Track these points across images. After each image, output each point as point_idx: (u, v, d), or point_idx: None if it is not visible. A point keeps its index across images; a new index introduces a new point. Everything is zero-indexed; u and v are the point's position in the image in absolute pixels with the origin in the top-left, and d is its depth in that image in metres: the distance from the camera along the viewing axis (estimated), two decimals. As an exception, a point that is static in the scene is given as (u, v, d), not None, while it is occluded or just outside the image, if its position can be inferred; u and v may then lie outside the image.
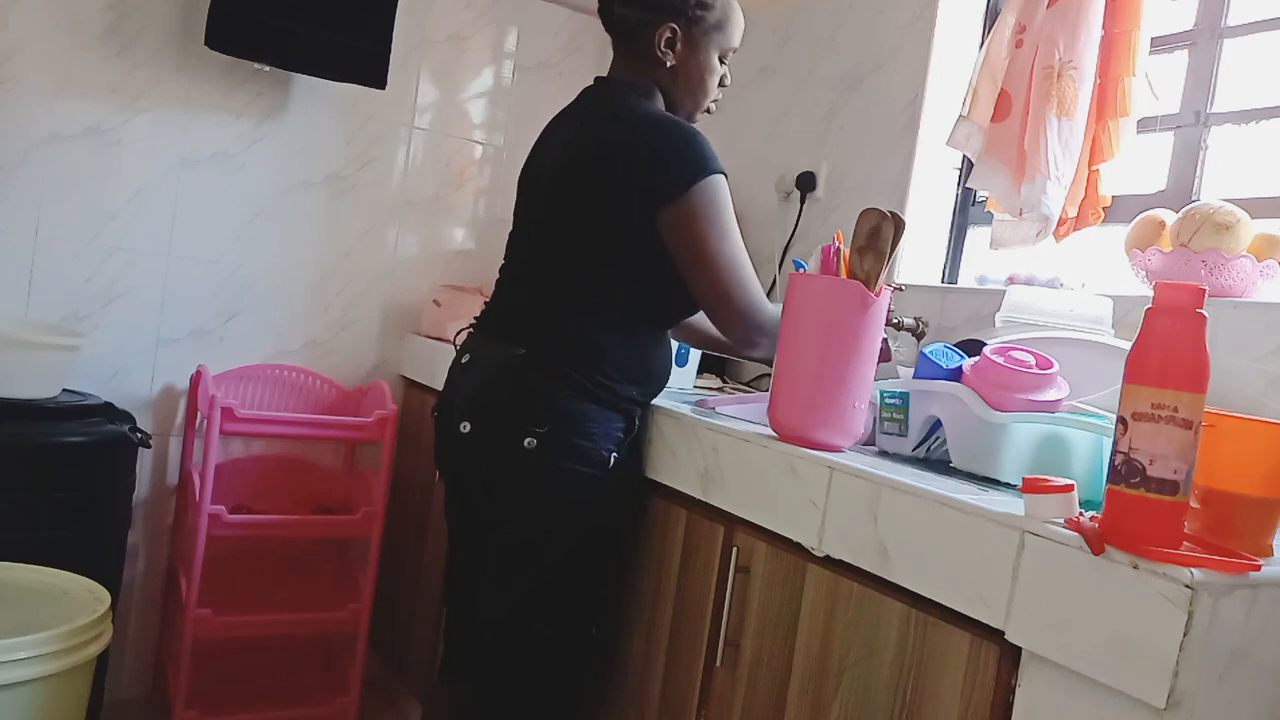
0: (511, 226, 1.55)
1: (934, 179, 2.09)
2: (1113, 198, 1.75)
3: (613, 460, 1.38)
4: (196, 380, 2.18)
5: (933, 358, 1.23)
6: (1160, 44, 1.76)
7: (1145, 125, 1.73)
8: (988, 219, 1.94)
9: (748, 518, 1.25)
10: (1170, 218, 1.54)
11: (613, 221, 1.38)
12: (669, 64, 1.45)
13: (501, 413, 1.38)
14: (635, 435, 1.42)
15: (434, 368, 2.17)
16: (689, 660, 1.35)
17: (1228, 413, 0.91)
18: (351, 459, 2.41)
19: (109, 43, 2.07)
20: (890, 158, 2.10)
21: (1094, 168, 1.74)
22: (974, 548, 0.94)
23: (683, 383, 1.93)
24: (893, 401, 1.27)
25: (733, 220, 1.37)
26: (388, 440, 2.16)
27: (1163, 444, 0.82)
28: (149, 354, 2.18)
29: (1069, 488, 0.89)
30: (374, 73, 2.16)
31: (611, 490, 1.39)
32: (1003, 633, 0.91)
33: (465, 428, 1.39)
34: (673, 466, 1.40)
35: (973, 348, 1.25)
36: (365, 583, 2.16)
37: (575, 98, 1.52)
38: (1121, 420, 0.84)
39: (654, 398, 1.47)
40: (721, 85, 1.52)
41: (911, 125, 2.06)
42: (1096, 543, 0.83)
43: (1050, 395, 1.16)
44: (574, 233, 1.41)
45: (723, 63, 1.50)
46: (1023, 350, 1.20)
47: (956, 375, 1.20)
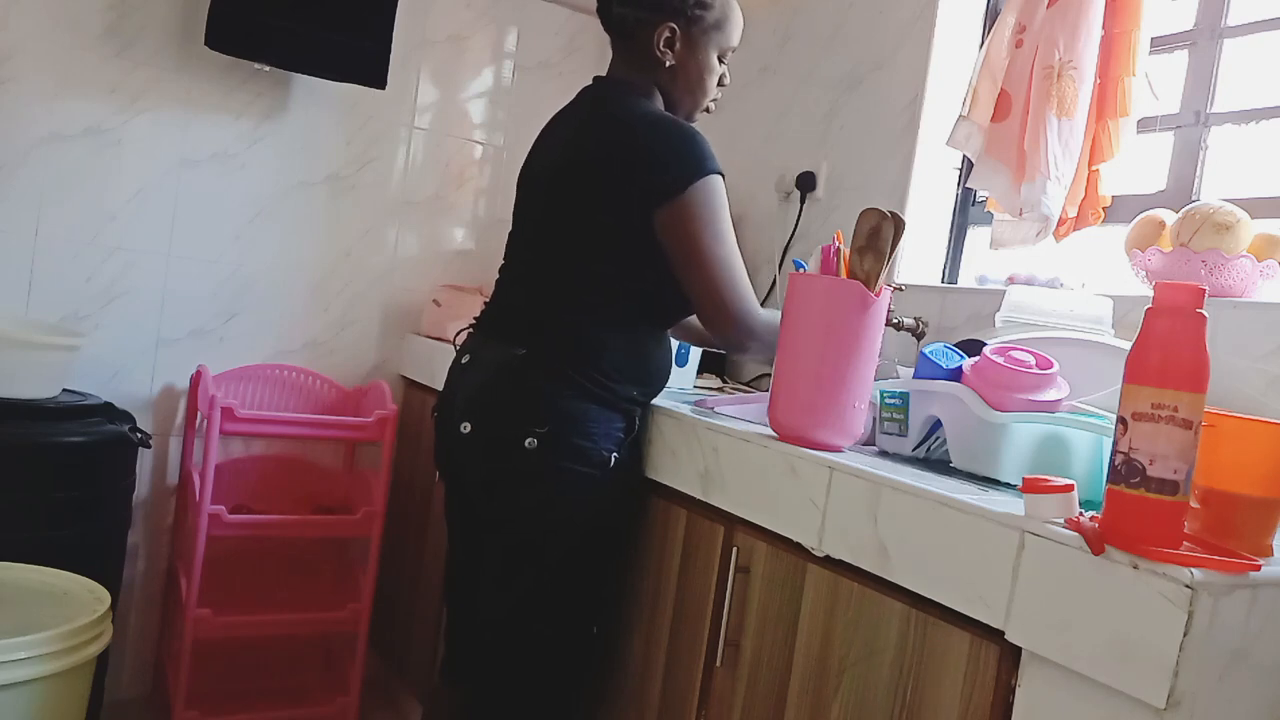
0: (511, 226, 1.55)
1: (934, 179, 2.09)
2: (1113, 198, 1.75)
3: (613, 460, 1.38)
4: (196, 380, 2.18)
5: (933, 358, 1.23)
6: (1160, 44, 1.76)
7: (1145, 125, 1.73)
8: (988, 219, 1.94)
9: (748, 518, 1.25)
10: (1170, 218, 1.54)
11: (611, 220, 1.38)
12: (668, 64, 1.45)
13: (502, 413, 1.38)
14: (635, 435, 1.42)
15: (434, 368, 2.17)
16: (689, 660, 1.35)
17: (1228, 413, 0.91)
18: (351, 459, 2.41)
19: (109, 43, 2.07)
20: (890, 158, 2.10)
21: (1094, 168, 1.74)
22: (974, 548, 0.94)
23: (683, 383, 1.93)
24: (893, 401, 1.27)
25: (728, 222, 1.37)
26: (388, 440, 2.16)
27: (1163, 444, 0.82)
28: (149, 354, 2.18)
29: (1069, 488, 0.89)
30: (374, 73, 2.16)
31: (612, 490, 1.39)
32: (1003, 633, 0.91)
33: (465, 428, 1.39)
34: (673, 466, 1.40)
35: (973, 348, 1.25)
36: (365, 583, 2.16)
37: (574, 97, 1.52)
38: (1121, 420, 0.84)
39: (654, 397, 1.47)
40: (721, 85, 1.52)
41: (911, 125, 2.06)
42: (1096, 543, 0.83)
43: (1050, 395, 1.16)
44: (572, 232, 1.41)
45: (722, 62, 1.50)
46: (1023, 350, 1.20)
47: (956, 375, 1.20)
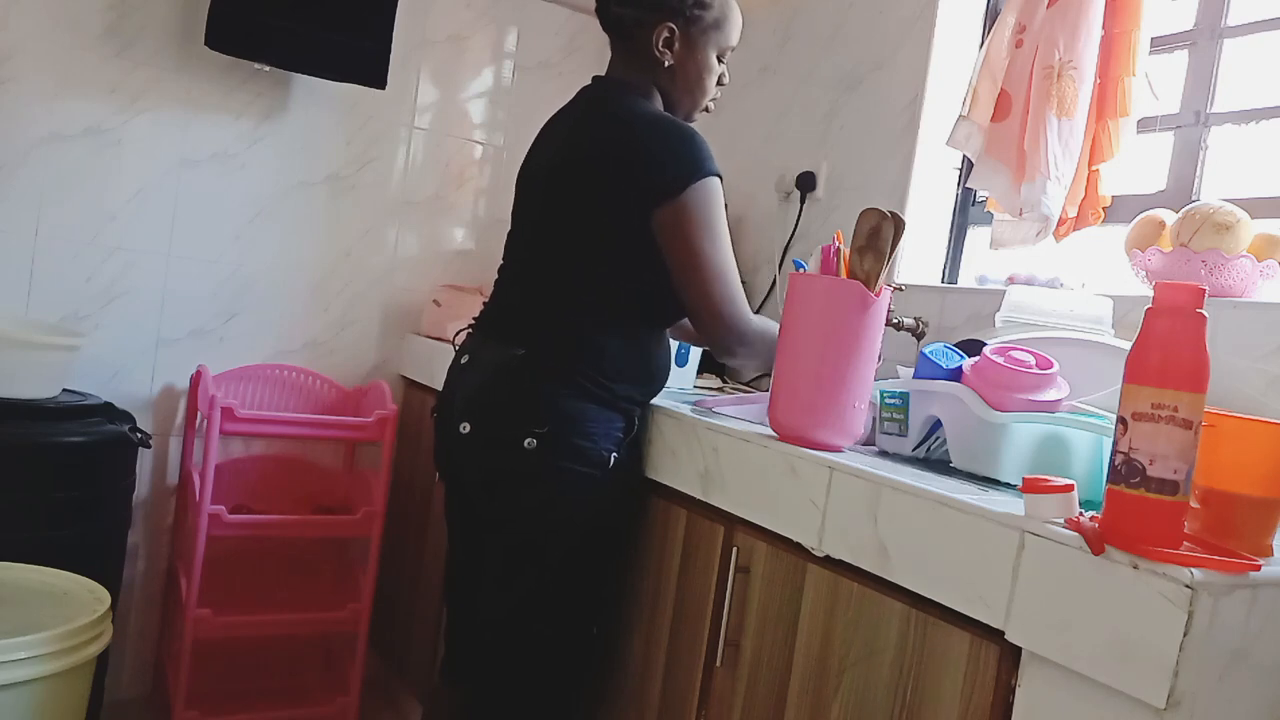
0: (510, 227, 1.55)
1: (934, 179, 2.09)
2: (1113, 198, 1.75)
3: (612, 460, 1.37)
4: (196, 380, 2.18)
5: (933, 358, 1.23)
6: (1160, 44, 1.76)
7: (1145, 125, 1.73)
8: (988, 219, 1.94)
9: (748, 518, 1.25)
10: (1170, 218, 1.54)
11: (608, 220, 1.38)
12: (667, 63, 1.45)
13: (501, 413, 1.38)
14: (635, 435, 1.42)
15: (434, 368, 2.17)
16: (689, 660, 1.35)
17: (1228, 413, 0.91)
18: (351, 459, 2.41)
19: (109, 43, 2.07)
20: (890, 158, 2.10)
21: (1094, 168, 1.74)
22: (974, 548, 0.94)
23: (683, 383, 1.93)
24: (893, 401, 1.27)
25: (724, 225, 1.37)
26: (388, 440, 2.16)
27: (1163, 444, 0.82)
28: (149, 354, 2.18)
29: (1069, 488, 0.89)
30: (374, 73, 2.16)
31: (611, 490, 1.39)
32: (1003, 633, 0.91)
33: (465, 428, 1.39)
34: (673, 466, 1.40)
35: (973, 348, 1.25)
36: (365, 583, 2.16)
37: (573, 97, 1.52)
38: (1121, 420, 0.84)
39: (653, 397, 1.47)
40: (720, 84, 1.52)
41: (911, 125, 2.06)
42: (1096, 543, 0.83)
43: (1050, 395, 1.16)
44: (570, 231, 1.41)
45: (721, 61, 1.50)
46: (1023, 350, 1.20)
47: (956, 375, 1.20)
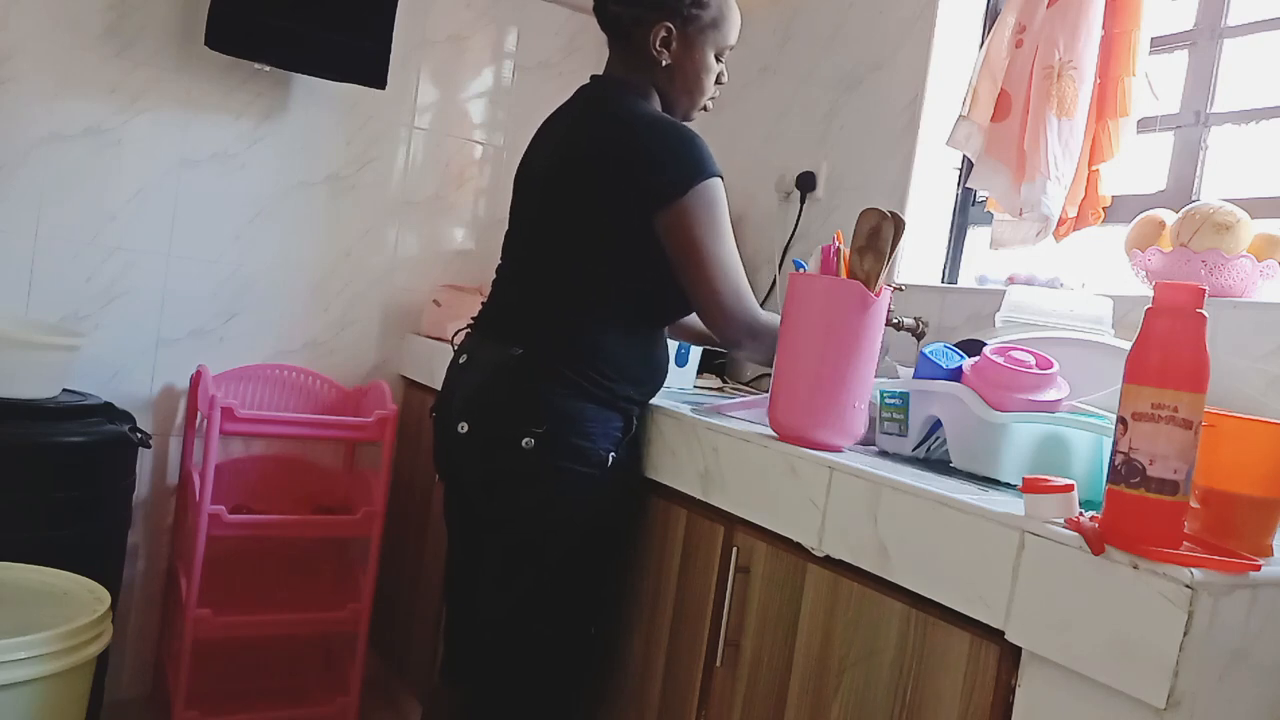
0: (507, 226, 1.55)
1: (934, 179, 2.09)
2: (1113, 198, 1.75)
3: (611, 460, 1.37)
4: (196, 380, 2.18)
5: (933, 358, 1.23)
6: (1160, 44, 1.76)
7: (1145, 125, 1.73)
8: (988, 219, 1.94)
9: (748, 518, 1.25)
10: (1170, 218, 1.54)
11: (606, 220, 1.38)
12: (665, 63, 1.44)
13: (499, 413, 1.38)
14: (634, 435, 1.42)
15: (434, 368, 2.17)
16: (689, 660, 1.35)
17: (1228, 413, 0.91)
18: (351, 459, 2.41)
19: (109, 43, 2.07)
20: (890, 158, 2.10)
21: (1094, 168, 1.74)
22: (974, 548, 0.94)
23: (683, 383, 1.93)
24: (893, 401, 1.27)
25: (727, 223, 1.37)
26: (388, 440, 2.16)
27: (1163, 444, 0.82)
28: (149, 354, 2.18)
29: (1069, 488, 0.89)
30: (374, 73, 2.16)
31: (611, 490, 1.39)
32: (1003, 633, 0.91)
33: (463, 428, 1.39)
34: (673, 466, 1.40)
35: (973, 348, 1.25)
36: (365, 583, 2.16)
37: (571, 96, 1.52)
38: (1121, 420, 0.84)
39: (652, 397, 1.47)
40: (718, 83, 1.51)
41: (911, 125, 2.06)
42: (1096, 543, 0.83)
43: (1050, 395, 1.16)
44: (567, 231, 1.41)
45: (719, 60, 1.49)
46: (1023, 350, 1.20)
47: (956, 375, 1.20)
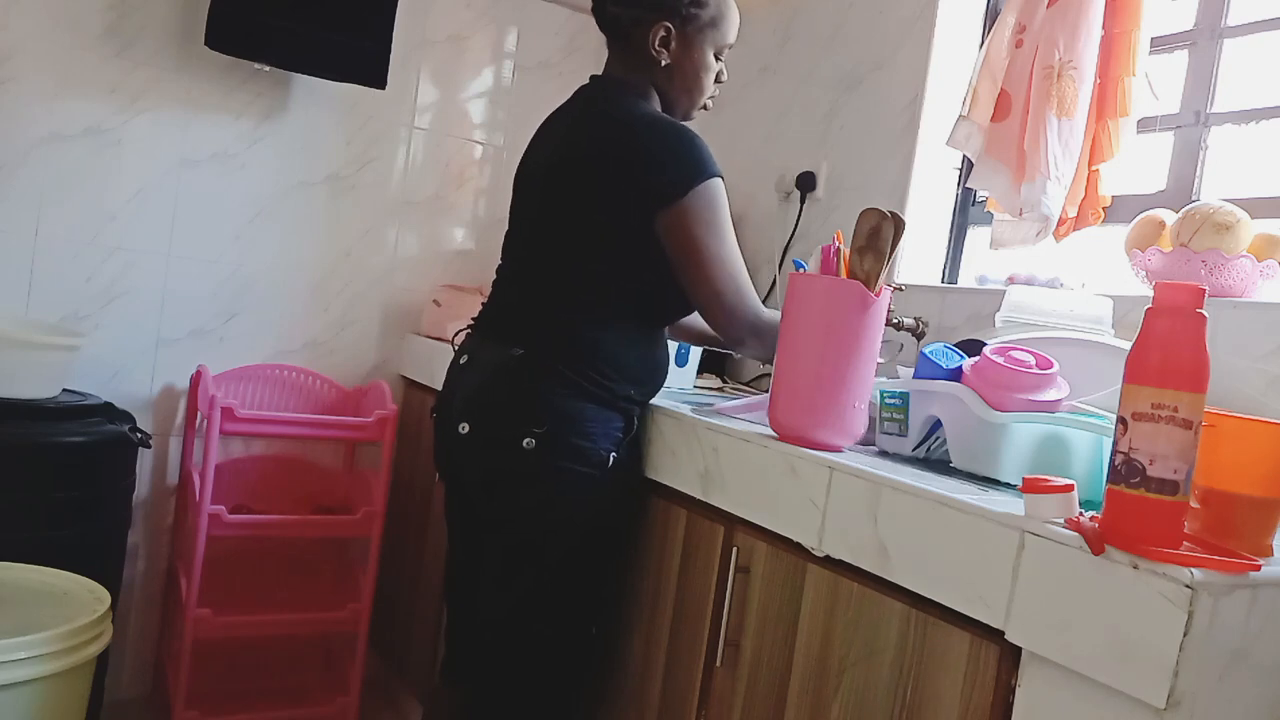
0: (507, 226, 1.55)
1: (934, 179, 2.09)
2: (1113, 198, 1.75)
3: (611, 460, 1.37)
4: (196, 380, 2.18)
5: (933, 358, 1.23)
6: (1160, 44, 1.76)
7: (1145, 125, 1.73)
8: (988, 219, 1.94)
9: (748, 518, 1.25)
10: (1170, 218, 1.54)
11: (606, 220, 1.38)
12: (664, 63, 1.44)
13: (499, 413, 1.38)
14: (634, 435, 1.42)
15: (434, 368, 2.17)
16: (689, 660, 1.35)
17: (1228, 413, 0.91)
18: (351, 459, 2.41)
19: (109, 43, 2.07)
20: (890, 158, 2.10)
21: (1094, 168, 1.74)
22: (974, 548, 0.94)
23: (683, 383, 1.93)
24: (893, 401, 1.27)
25: (729, 222, 1.38)
26: (388, 440, 2.16)
27: (1163, 444, 0.82)
28: (149, 354, 2.18)
29: (1069, 488, 0.89)
30: (374, 73, 2.16)
31: (611, 490, 1.39)
32: (1003, 633, 0.91)
33: (464, 428, 1.39)
34: (673, 466, 1.40)
35: (973, 348, 1.25)
36: (365, 583, 2.16)
37: (570, 96, 1.52)
38: (1121, 420, 0.84)
39: (652, 397, 1.47)
40: (718, 81, 1.51)
41: (911, 125, 2.06)
42: (1096, 543, 0.83)
43: (1050, 395, 1.16)
44: (567, 230, 1.41)
45: (718, 59, 1.49)
46: (1023, 350, 1.20)
47: (956, 375, 1.20)
